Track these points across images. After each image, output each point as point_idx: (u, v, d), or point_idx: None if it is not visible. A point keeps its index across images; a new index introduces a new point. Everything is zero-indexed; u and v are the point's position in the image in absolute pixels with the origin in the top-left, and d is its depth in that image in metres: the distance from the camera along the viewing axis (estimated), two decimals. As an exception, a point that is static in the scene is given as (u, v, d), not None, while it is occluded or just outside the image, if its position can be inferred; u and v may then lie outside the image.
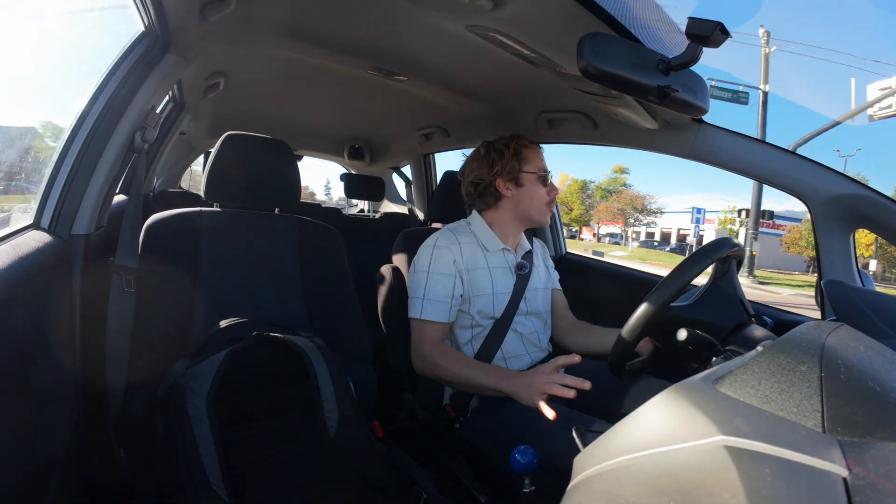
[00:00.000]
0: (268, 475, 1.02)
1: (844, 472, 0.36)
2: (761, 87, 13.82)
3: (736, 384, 0.47)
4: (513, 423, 1.18)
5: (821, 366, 0.44)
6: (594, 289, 1.94)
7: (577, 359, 1.05)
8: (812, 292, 1.25)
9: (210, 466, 0.88)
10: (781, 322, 1.28)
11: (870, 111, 11.56)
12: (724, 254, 0.97)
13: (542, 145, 1.48)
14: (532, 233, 1.80)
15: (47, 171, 1.06)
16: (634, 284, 1.77)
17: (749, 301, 1.04)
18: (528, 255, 1.47)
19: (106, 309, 1.10)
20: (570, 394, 1.00)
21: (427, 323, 1.30)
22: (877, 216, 1.08)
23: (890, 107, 11.25)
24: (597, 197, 38.02)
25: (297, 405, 1.13)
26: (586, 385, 1.00)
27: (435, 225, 1.76)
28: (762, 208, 15.02)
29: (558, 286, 1.60)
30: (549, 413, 1.02)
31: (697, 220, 23.92)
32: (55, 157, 1.07)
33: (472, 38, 1.22)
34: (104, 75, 1.13)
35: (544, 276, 1.52)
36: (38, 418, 0.82)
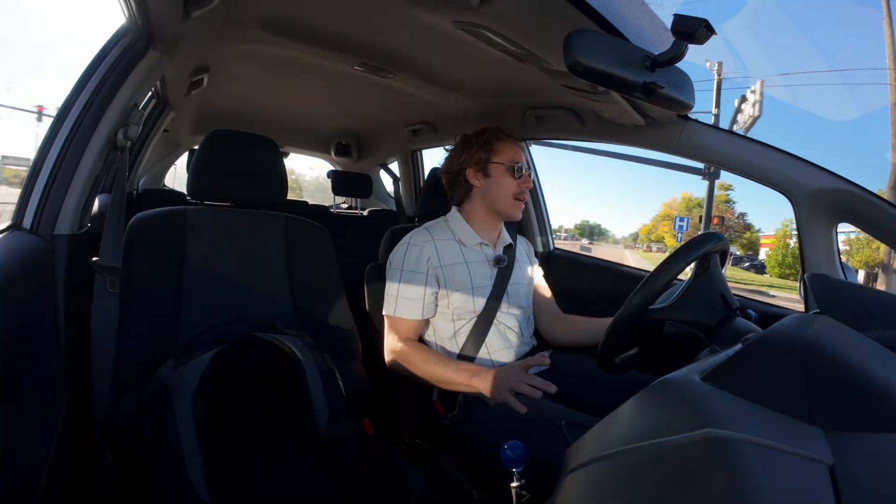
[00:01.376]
0: (257, 475, 1.01)
1: (830, 461, 0.36)
2: (713, 111, 15.33)
3: (722, 377, 0.48)
4: (501, 418, 1.18)
5: (805, 358, 0.45)
6: (583, 284, 1.95)
7: (546, 361, 1.13)
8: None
9: (193, 468, 0.87)
10: (766, 315, 1.30)
11: (738, 124, 12.40)
12: (708, 249, 0.99)
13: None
14: (519, 230, 1.80)
15: (28, 170, 1.05)
16: (622, 279, 1.79)
17: (734, 295, 1.05)
18: (510, 249, 1.47)
19: (90, 310, 1.09)
20: (538, 393, 1.07)
21: (399, 320, 1.32)
22: (859, 210, 1.10)
23: (742, 120, 12.34)
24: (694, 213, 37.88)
25: (286, 404, 1.13)
26: (552, 388, 1.07)
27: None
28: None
29: (542, 281, 1.60)
30: (520, 408, 1.08)
31: (680, 228, 25.93)
32: (35, 155, 1.05)
33: (459, 35, 1.22)
34: (85, 71, 1.11)
35: (527, 271, 1.52)
36: (23, 422, 0.81)
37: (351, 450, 1.04)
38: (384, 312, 1.35)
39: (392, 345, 1.32)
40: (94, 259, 1.09)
